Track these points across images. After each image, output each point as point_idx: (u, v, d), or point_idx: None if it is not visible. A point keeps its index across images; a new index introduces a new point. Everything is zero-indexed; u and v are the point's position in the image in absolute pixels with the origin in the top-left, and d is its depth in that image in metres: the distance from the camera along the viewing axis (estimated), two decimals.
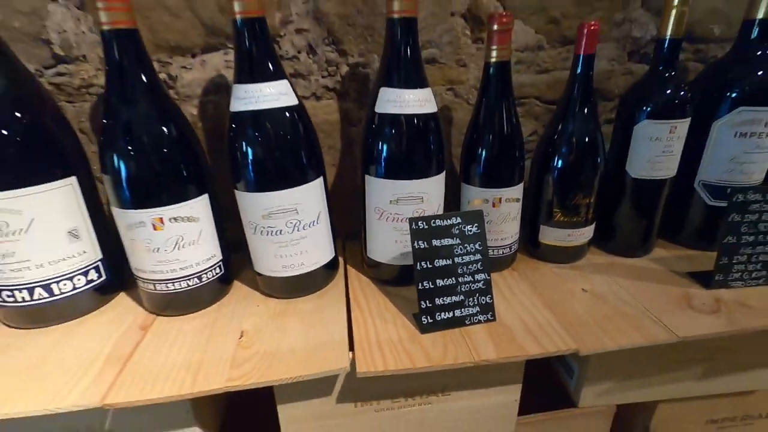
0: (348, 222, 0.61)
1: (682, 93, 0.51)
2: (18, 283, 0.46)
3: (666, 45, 0.50)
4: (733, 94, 0.53)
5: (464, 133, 0.56)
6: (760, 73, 0.52)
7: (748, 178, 0.55)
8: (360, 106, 0.59)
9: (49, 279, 0.47)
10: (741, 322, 0.46)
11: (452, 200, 0.56)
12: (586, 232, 0.58)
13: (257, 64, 0.44)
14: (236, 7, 0.42)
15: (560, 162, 0.54)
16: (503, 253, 0.57)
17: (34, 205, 0.45)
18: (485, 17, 0.57)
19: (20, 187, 0.43)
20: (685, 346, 0.47)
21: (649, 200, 0.57)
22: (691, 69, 0.64)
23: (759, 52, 0.52)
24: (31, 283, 0.46)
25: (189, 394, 0.39)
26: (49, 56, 0.52)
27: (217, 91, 0.56)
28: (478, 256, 0.47)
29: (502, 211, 0.54)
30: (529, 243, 0.61)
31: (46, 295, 0.48)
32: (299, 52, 0.55)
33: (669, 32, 0.50)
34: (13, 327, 0.49)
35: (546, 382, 0.56)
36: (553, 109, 0.64)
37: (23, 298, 0.47)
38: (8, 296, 0.47)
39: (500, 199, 0.53)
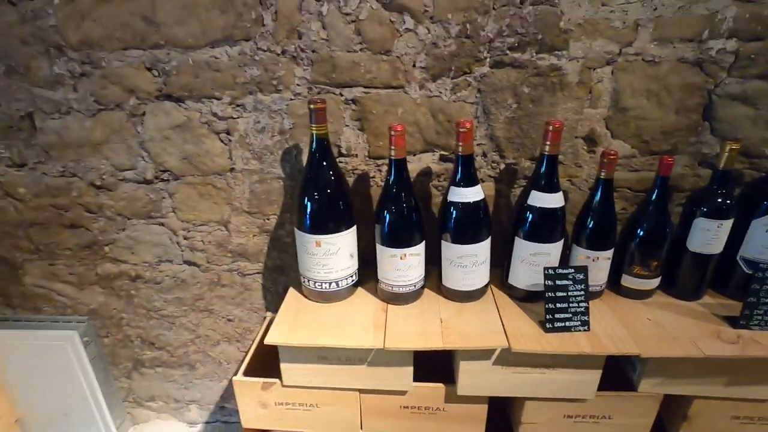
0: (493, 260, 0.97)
1: (727, 202, 0.80)
2: (326, 279, 0.89)
3: (720, 173, 0.80)
4: (765, 202, 0.81)
5: (577, 210, 0.89)
6: None
7: None
8: (509, 187, 0.95)
9: (340, 278, 0.90)
10: (750, 351, 0.75)
11: (562, 256, 0.90)
12: (654, 282, 0.89)
13: (468, 177, 0.82)
14: (460, 150, 0.79)
15: (641, 233, 0.86)
16: (597, 290, 0.90)
17: (340, 241, 0.87)
18: (597, 138, 0.89)
19: (336, 233, 0.86)
20: (712, 362, 0.77)
21: (700, 266, 0.86)
22: (747, 176, 0.91)
23: None
24: (333, 280, 0.89)
25: (422, 347, 0.78)
26: (337, 153, 0.95)
27: (425, 174, 0.95)
28: (582, 291, 0.81)
29: (599, 265, 0.87)
30: (614, 284, 0.93)
31: (335, 287, 0.90)
32: (477, 156, 0.93)
33: (722, 165, 0.79)
34: (313, 301, 0.93)
35: (617, 374, 0.88)
36: (639, 195, 0.94)
37: (327, 287, 0.90)
38: (319, 285, 0.90)
39: (598, 258, 0.86)
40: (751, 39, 0.79)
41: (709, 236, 0.83)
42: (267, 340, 0.81)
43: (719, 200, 0.81)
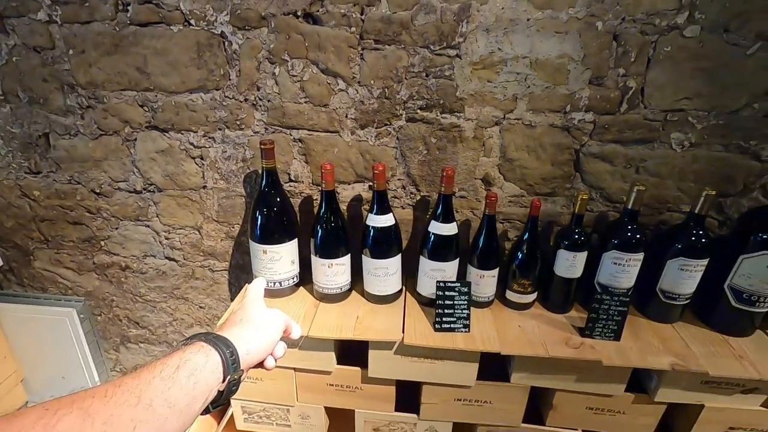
0: (410, 271, 1.21)
1: (582, 239, 1.03)
2: (272, 279, 1.13)
3: (576, 216, 1.03)
4: (613, 241, 1.03)
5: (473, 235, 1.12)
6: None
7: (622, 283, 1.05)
8: (424, 214, 1.18)
9: (282, 279, 1.13)
10: (585, 355, 0.98)
11: (460, 272, 1.13)
12: (531, 297, 1.12)
13: (381, 207, 1.05)
14: (375, 186, 1.03)
15: (517, 258, 1.08)
16: (486, 300, 1.13)
17: (282, 250, 1.10)
18: (492, 180, 1.12)
19: (279, 243, 1.09)
20: (566, 362, 1.00)
21: (565, 287, 1.09)
22: (611, 216, 1.13)
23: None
24: (277, 281, 1.13)
25: (337, 337, 1.02)
26: (287, 179, 1.18)
27: (357, 199, 1.19)
28: (465, 301, 1.04)
29: (486, 281, 1.10)
30: (502, 297, 1.16)
31: (279, 286, 1.14)
32: (397, 189, 1.16)
33: (576, 210, 1.02)
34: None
35: (495, 368, 1.11)
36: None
37: (272, 286, 1.13)
38: (266, 284, 1.13)
39: (484, 275, 1.09)
40: (603, 113, 1.02)
41: (568, 264, 1.06)
42: (219, 325, 1.05)
43: (576, 237, 1.04)
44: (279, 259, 1.10)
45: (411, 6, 0.95)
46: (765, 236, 0.96)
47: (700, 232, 1.00)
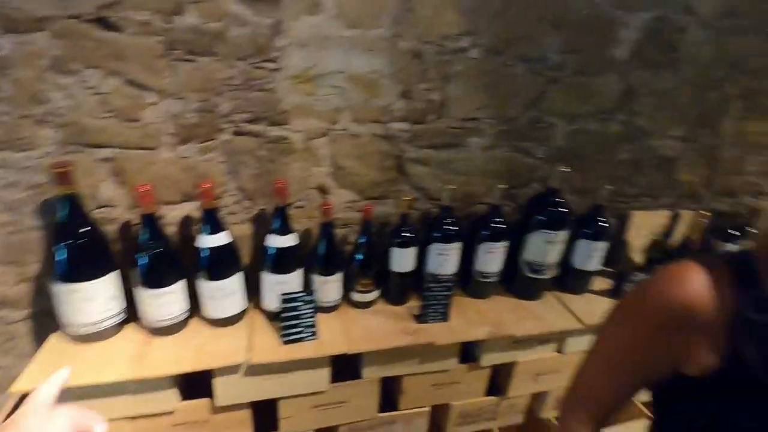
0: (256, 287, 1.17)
1: (409, 235, 1.15)
2: (86, 322, 0.97)
3: (402, 216, 1.13)
4: (435, 234, 1.17)
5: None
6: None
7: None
8: (263, 228, 1.16)
9: (101, 320, 0.99)
10: (419, 339, 1.10)
11: (307, 280, 1.15)
12: (374, 295, 1.20)
13: (213, 226, 1.00)
14: (203, 205, 0.97)
15: (356, 260, 1.15)
16: (332, 305, 1.17)
17: (95, 287, 0.96)
18: (326, 189, 1.16)
19: (90, 280, 0.95)
20: (407, 349, 1.09)
21: (401, 280, 1.20)
22: (434, 213, 1.28)
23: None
24: (93, 322, 0.98)
25: (176, 372, 0.93)
26: (95, 205, 1.04)
27: (188, 220, 1.10)
28: (311, 309, 1.06)
29: (330, 286, 1.13)
30: (348, 299, 1.21)
31: (96, 328, 0.99)
32: (231, 205, 1.11)
33: (403, 210, 1.13)
34: (78, 343, 1.00)
35: (350, 369, 1.16)
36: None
37: (88, 329, 0.98)
38: (80, 329, 0.97)
39: (327, 281, 1.12)
40: (416, 123, 1.15)
41: (401, 260, 1.16)
42: (12, 388, 0.87)
43: (404, 234, 1.15)
44: (93, 298, 0.96)
45: (220, 17, 0.93)
46: (540, 217, 1.21)
47: (499, 219, 1.20)
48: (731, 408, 0.53)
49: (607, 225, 1.27)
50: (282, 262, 1.06)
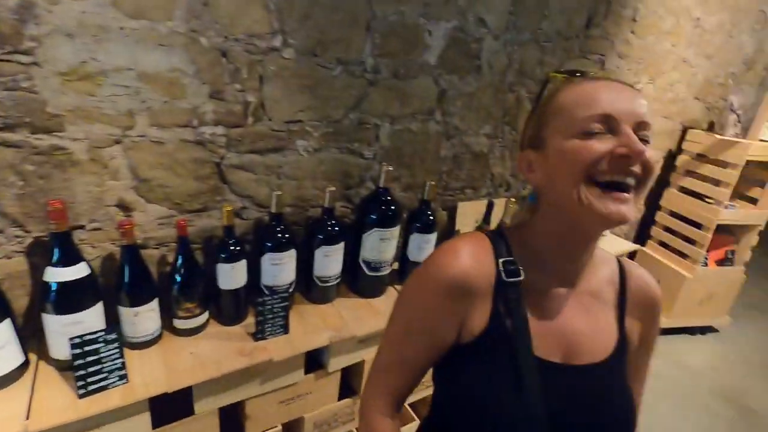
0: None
1: (238, 248, 1.06)
2: None
3: (226, 228, 1.04)
4: (267, 244, 1.10)
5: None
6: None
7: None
8: (46, 260, 0.94)
9: None
10: (257, 358, 1.02)
11: (113, 315, 0.97)
12: (202, 318, 1.07)
13: None
14: None
15: (176, 282, 1.01)
16: (150, 338, 1.01)
17: None
18: (130, 205, 1.00)
19: None
20: (246, 371, 1.00)
21: (233, 298, 1.10)
22: (266, 221, 1.21)
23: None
24: None
25: None
26: None
27: None
28: (116, 350, 0.89)
29: (144, 317, 0.98)
30: (171, 327, 1.06)
31: None
32: None
33: (225, 222, 1.03)
34: None
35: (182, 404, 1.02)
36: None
37: None
38: None
39: (139, 312, 0.97)
40: (233, 126, 1.06)
41: (229, 276, 1.07)
42: None
43: (231, 247, 1.05)
44: None
45: None
46: (373, 216, 1.24)
47: (333, 222, 1.19)
48: (489, 362, 0.57)
49: (433, 218, 1.36)
50: (70, 298, 0.87)
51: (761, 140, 2.26)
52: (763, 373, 2.41)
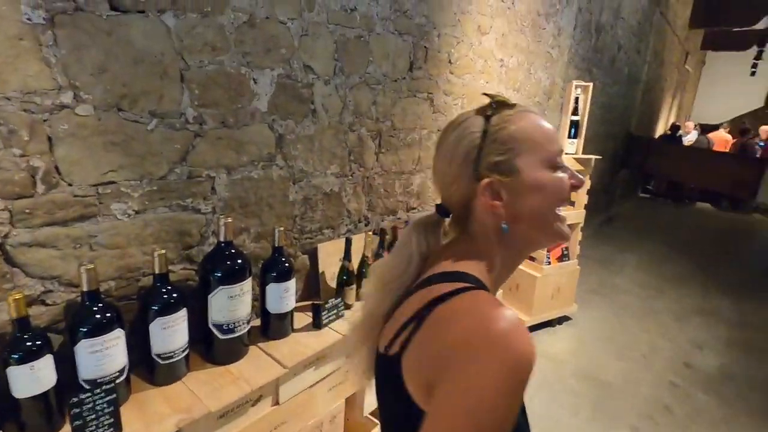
0: None
1: (37, 343, 0.86)
2: None
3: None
4: (83, 328, 0.93)
5: None
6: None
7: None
8: None
9: None
10: None
11: None
12: None
13: None
14: None
15: None
16: None
17: None
18: None
19: None
20: None
21: (36, 405, 0.89)
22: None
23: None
24: None
25: None
26: None
27: None
28: None
29: None
30: None
31: None
32: None
33: (12, 315, 0.84)
34: None
35: None
36: None
37: None
38: None
39: None
40: (17, 198, 0.89)
41: (28, 379, 0.86)
42: None
43: (26, 345, 0.86)
44: None
45: None
46: (218, 274, 1.14)
47: (169, 288, 1.07)
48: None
49: (289, 265, 1.31)
50: None
51: (566, 153, 2.74)
52: (610, 347, 2.83)
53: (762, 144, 7.26)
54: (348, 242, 1.56)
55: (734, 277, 4.22)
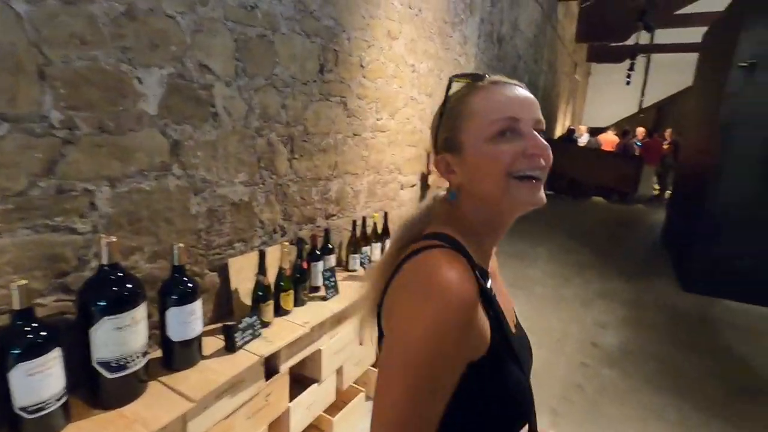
0: None
1: None
2: None
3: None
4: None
5: None
6: None
7: None
8: None
9: None
10: None
11: None
12: None
13: None
14: None
15: None
16: None
17: None
18: None
19: None
20: None
21: None
22: None
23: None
24: None
25: None
26: None
27: None
28: None
29: None
30: None
31: None
32: None
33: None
34: None
35: None
36: None
37: None
38: None
39: None
40: None
41: None
42: None
43: None
44: None
45: None
46: (101, 303, 0.97)
47: (34, 326, 0.88)
48: (508, 360, 0.58)
49: (192, 285, 1.18)
50: None
51: None
52: (531, 338, 2.99)
53: (639, 143, 8.32)
54: (262, 255, 1.45)
55: (626, 260, 4.75)
